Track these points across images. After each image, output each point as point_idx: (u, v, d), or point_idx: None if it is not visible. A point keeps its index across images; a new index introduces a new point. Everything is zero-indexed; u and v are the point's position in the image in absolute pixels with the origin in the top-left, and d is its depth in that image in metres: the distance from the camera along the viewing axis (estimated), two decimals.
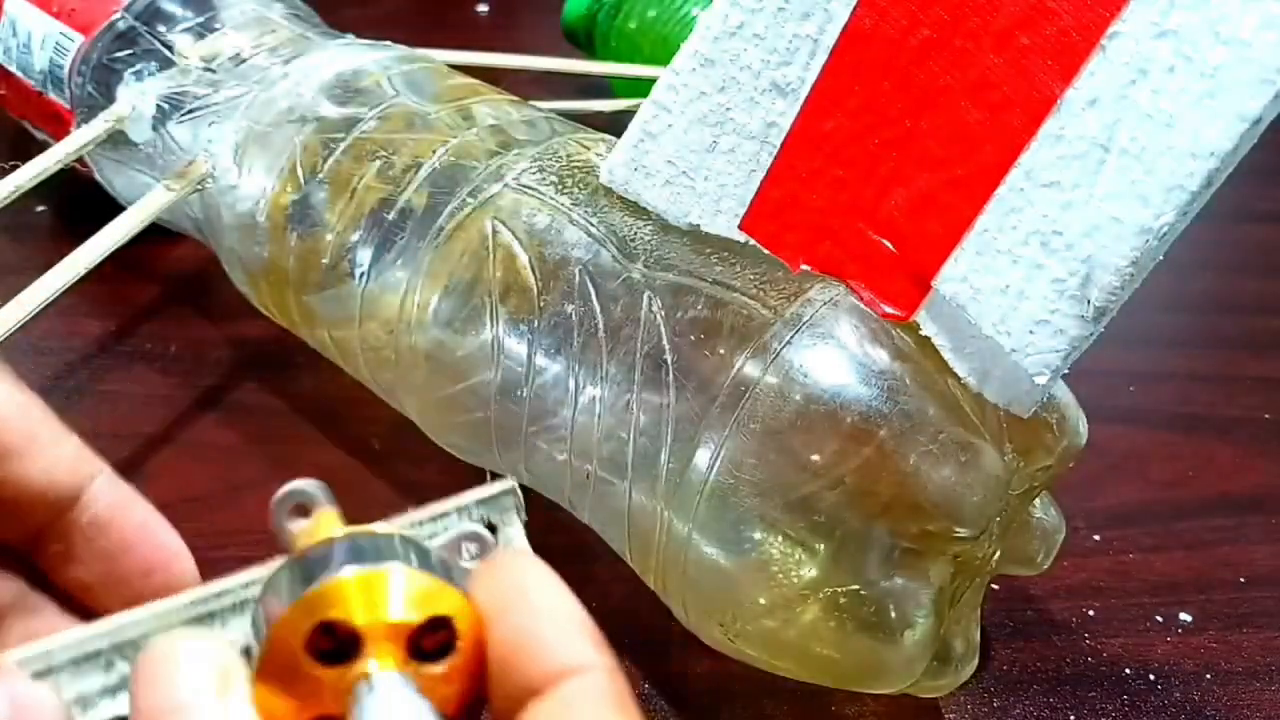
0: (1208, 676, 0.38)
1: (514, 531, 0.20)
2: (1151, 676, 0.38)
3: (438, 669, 0.18)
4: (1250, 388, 0.50)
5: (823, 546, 0.31)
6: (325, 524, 0.19)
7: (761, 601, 0.32)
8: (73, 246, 0.40)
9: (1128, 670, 0.38)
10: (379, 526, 0.19)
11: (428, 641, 0.18)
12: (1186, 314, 0.54)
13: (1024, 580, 0.40)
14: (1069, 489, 0.39)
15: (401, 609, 0.17)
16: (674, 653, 0.37)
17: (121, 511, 0.22)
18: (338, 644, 0.17)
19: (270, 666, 0.17)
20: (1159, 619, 0.40)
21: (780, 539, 0.31)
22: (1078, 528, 0.41)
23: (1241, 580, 0.41)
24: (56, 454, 0.21)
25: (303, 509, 0.19)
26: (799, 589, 0.31)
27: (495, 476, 0.21)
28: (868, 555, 0.31)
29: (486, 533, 0.20)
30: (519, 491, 0.20)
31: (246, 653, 0.18)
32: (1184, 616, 0.40)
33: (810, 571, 0.31)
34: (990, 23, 0.29)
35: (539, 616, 0.18)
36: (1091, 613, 0.40)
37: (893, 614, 0.31)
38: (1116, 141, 0.27)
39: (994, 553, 0.34)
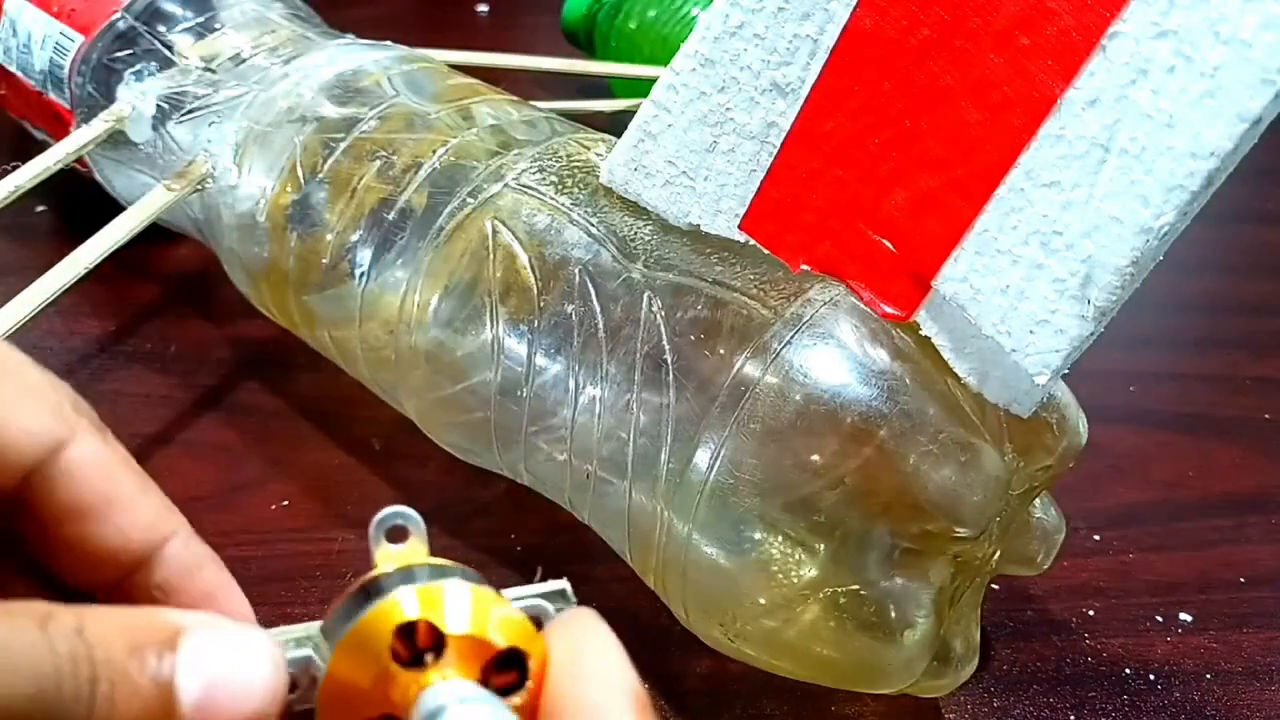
0: (1208, 676, 0.38)
1: None
2: (1152, 676, 0.38)
3: (512, 700, 0.18)
4: (1250, 388, 0.50)
5: (823, 546, 0.31)
6: (413, 553, 0.19)
7: (761, 601, 0.32)
8: (73, 246, 0.40)
9: (1128, 670, 0.38)
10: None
11: (497, 679, 0.18)
12: (1187, 314, 0.54)
13: (1024, 580, 0.40)
14: (1069, 489, 0.39)
15: (492, 629, 0.18)
16: (674, 653, 0.37)
17: (190, 578, 0.21)
18: (416, 649, 0.17)
19: (347, 659, 0.17)
20: (1159, 619, 0.40)
21: (780, 539, 0.31)
22: (1078, 528, 0.41)
23: (1241, 580, 0.41)
24: (133, 515, 0.21)
25: (399, 533, 0.19)
26: (799, 589, 0.31)
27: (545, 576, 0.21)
28: (868, 555, 0.31)
29: (568, 587, 0.20)
30: (570, 591, 0.20)
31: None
32: (1184, 616, 0.40)
33: (810, 571, 0.31)
34: (990, 23, 0.29)
35: (592, 679, 0.18)
36: (1092, 613, 0.40)
37: (893, 614, 0.31)
38: (1116, 141, 0.27)
39: (994, 553, 0.34)
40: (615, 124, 0.43)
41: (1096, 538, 0.43)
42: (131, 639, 0.17)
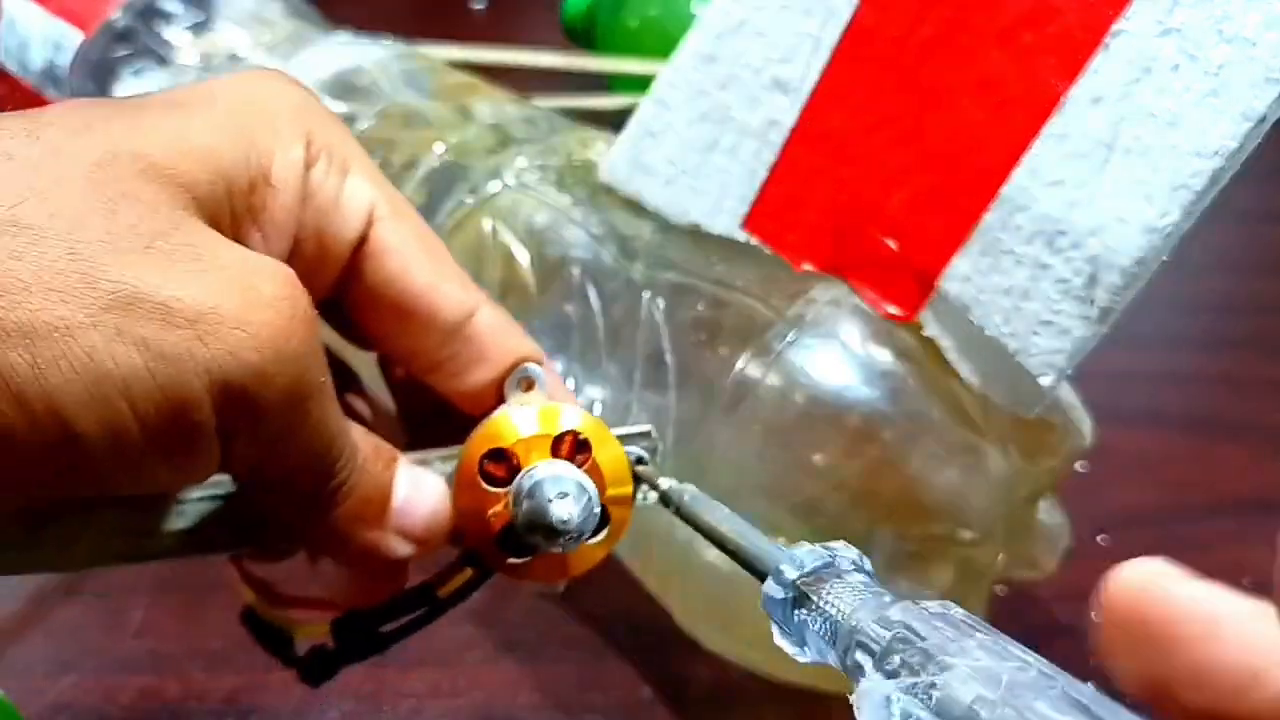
0: None
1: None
2: None
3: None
4: (1258, 389, 0.50)
5: None
6: (535, 396, 0.26)
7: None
8: None
9: None
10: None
11: (566, 450, 0.24)
12: (1194, 315, 0.54)
13: (1029, 584, 0.39)
14: (1075, 491, 0.38)
15: (541, 427, 0.24)
16: (673, 656, 0.37)
17: (497, 341, 0.26)
18: (506, 466, 0.24)
19: (458, 489, 0.25)
20: None
21: (782, 541, 0.31)
22: (1083, 530, 0.41)
23: (1246, 583, 0.41)
24: (435, 298, 0.25)
25: (528, 384, 0.26)
26: None
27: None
28: (871, 558, 0.31)
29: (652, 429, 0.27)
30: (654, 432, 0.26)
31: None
32: None
33: None
34: (994, 20, 0.29)
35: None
36: (1096, 615, 0.39)
37: None
38: (1121, 140, 0.27)
39: (998, 556, 0.34)
40: (615, 121, 0.43)
41: (1102, 539, 0.42)
42: (375, 452, 0.24)
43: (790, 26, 0.31)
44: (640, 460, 0.26)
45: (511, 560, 0.25)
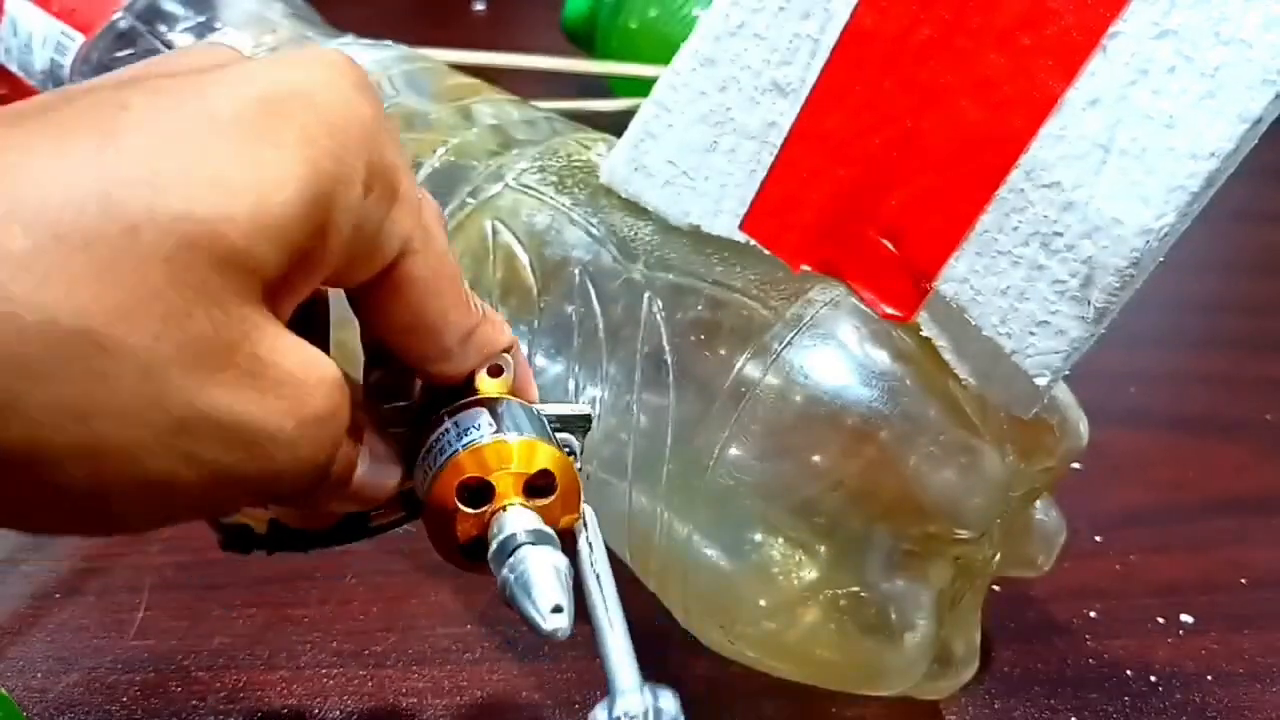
0: (1209, 678, 0.38)
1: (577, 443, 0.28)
2: (1153, 678, 0.37)
3: (545, 501, 0.25)
4: (1252, 389, 0.50)
5: (823, 548, 0.31)
6: (503, 384, 0.27)
7: (762, 604, 0.32)
8: None
9: (1129, 672, 0.38)
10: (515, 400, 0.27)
11: (536, 481, 0.25)
12: (1188, 315, 0.54)
13: (1025, 582, 0.39)
14: (1071, 490, 0.39)
15: (518, 465, 0.25)
16: (673, 654, 0.37)
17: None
18: (479, 487, 0.25)
19: (429, 510, 0.25)
20: (1161, 621, 0.40)
21: (781, 541, 0.31)
22: (1079, 529, 0.41)
23: (1243, 582, 0.41)
24: (447, 331, 0.26)
25: (496, 370, 0.27)
26: (800, 591, 0.31)
27: None
28: (869, 557, 0.31)
29: (591, 411, 0.28)
30: (593, 415, 0.28)
31: None
32: (1186, 618, 0.40)
33: (811, 574, 0.31)
34: (991, 22, 0.29)
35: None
36: (1093, 614, 0.40)
37: (893, 616, 0.31)
38: (1117, 142, 0.27)
39: (995, 555, 0.34)
40: (616, 124, 0.43)
41: (1098, 539, 0.43)
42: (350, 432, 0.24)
43: (789, 29, 0.32)
44: (571, 452, 0.27)
45: (463, 560, 0.26)
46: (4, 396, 0.18)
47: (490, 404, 0.26)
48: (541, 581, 0.23)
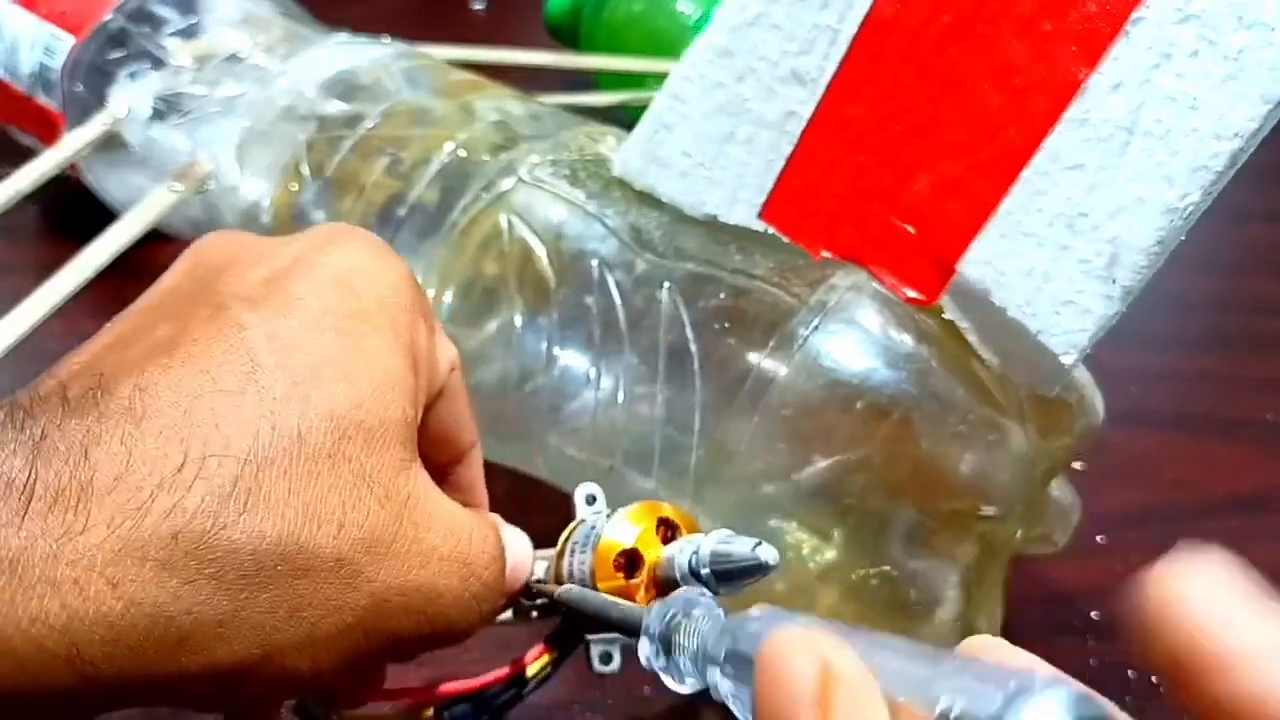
0: None
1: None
2: (1155, 679, 0.38)
3: (635, 580, 0.26)
4: (1254, 388, 0.50)
5: (851, 528, 0.31)
6: (598, 511, 0.28)
7: (779, 588, 0.32)
8: (63, 245, 0.40)
9: (1131, 672, 0.38)
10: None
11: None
12: (1190, 314, 0.54)
13: (1027, 582, 0.39)
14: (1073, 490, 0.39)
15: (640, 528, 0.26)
16: None
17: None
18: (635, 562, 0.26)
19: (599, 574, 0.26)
20: None
21: (810, 523, 0.32)
22: (1081, 529, 0.41)
23: None
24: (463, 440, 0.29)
25: (592, 499, 0.28)
26: (824, 570, 0.32)
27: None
28: (896, 536, 0.31)
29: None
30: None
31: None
32: None
33: (837, 554, 0.32)
34: (1012, 9, 0.29)
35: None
36: (1095, 614, 0.40)
37: (923, 593, 0.32)
38: (1141, 124, 0.28)
39: (1017, 531, 0.34)
40: (608, 117, 0.43)
41: (1100, 539, 0.42)
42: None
43: (807, 19, 0.32)
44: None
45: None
46: (230, 607, 0.20)
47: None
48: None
